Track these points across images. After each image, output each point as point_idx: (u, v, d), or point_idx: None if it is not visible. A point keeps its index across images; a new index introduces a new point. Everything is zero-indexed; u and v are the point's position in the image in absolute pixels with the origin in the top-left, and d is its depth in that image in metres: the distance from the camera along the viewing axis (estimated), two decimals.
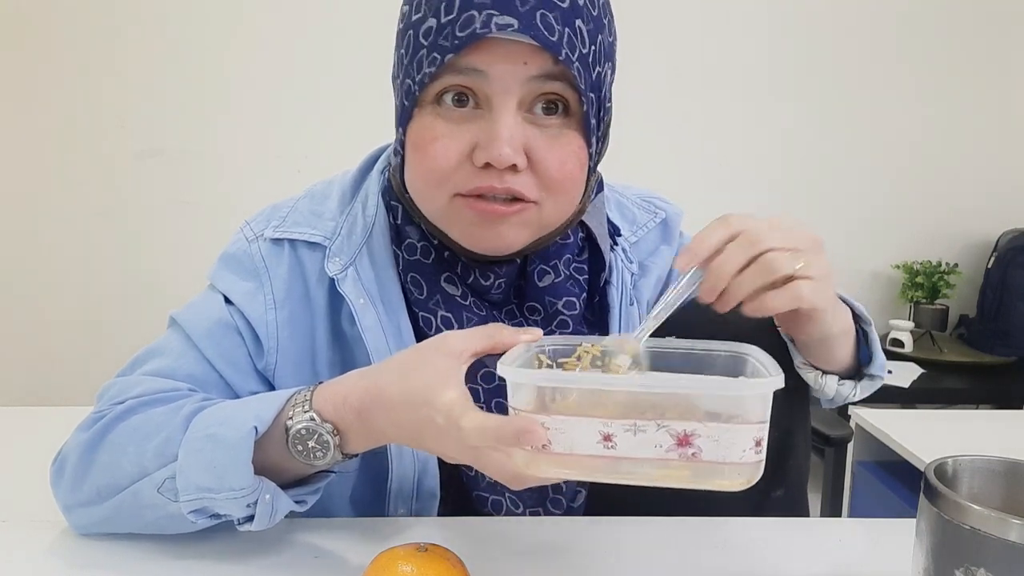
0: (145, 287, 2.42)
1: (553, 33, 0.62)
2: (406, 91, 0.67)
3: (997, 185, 2.63)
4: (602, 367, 0.64)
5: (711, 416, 0.48)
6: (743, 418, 0.48)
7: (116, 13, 2.35)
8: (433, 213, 0.71)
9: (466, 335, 0.61)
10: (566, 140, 0.67)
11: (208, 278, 0.79)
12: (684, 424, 0.47)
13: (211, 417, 0.64)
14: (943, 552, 0.52)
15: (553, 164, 0.66)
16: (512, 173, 0.65)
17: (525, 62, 0.63)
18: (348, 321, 0.76)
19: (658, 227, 0.89)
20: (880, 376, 0.71)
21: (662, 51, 2.46)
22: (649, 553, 0.70)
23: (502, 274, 0.75)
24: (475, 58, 0.63)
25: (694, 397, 0.50)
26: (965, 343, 2.50)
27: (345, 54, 2.39)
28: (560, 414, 0.49)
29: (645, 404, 0.49)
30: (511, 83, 0.64)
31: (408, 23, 0.67)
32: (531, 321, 0.77)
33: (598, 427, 0.49)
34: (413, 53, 0.65)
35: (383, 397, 0.60)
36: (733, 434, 0.48)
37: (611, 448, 0.49)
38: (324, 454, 0.63)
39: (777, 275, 0.58)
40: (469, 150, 0.65)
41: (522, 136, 0.65)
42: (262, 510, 0.63)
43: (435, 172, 0.67)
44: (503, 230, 0.68)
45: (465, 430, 0.54)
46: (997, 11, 2.55)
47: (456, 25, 0.62)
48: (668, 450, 0.48)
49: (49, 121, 2.39)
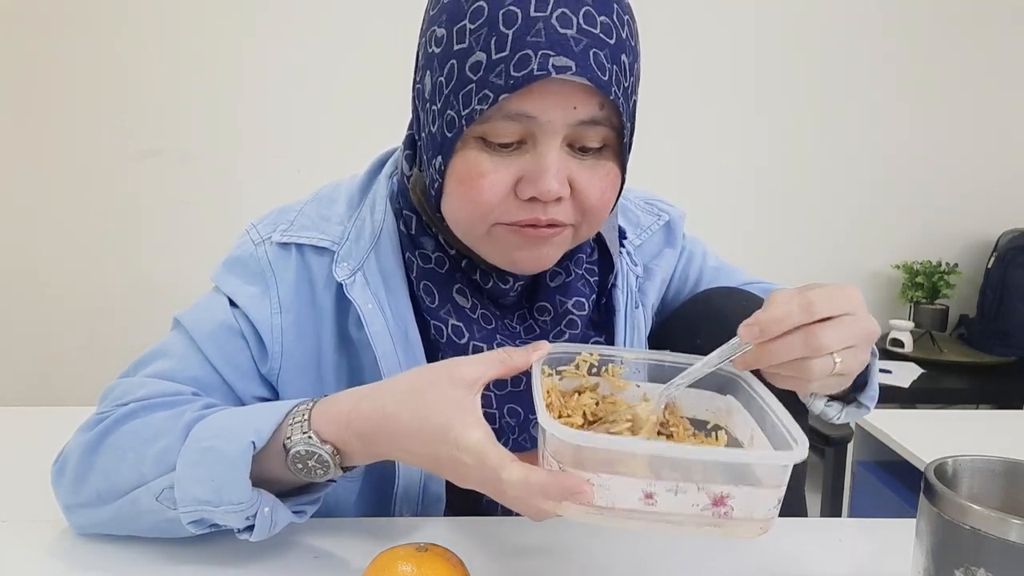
0: (145, 287, 2.42)
1: (604, 73, 0.62)
2: (448, 122, 0.65)
3: (997, 185, 2.63)
4: (600, 373, 0.66)
5: (734, 477, 0.52)
6: (776, 483, 0.52)
7: (116, 13, 2.35)
8: (471, 239, 0.71)
9: (477, 362, 0.60)
10: (604, 171, 0.68)
11: (212, 280, 0.79)
12: (721, 487, 0.51)
13: (210, 428, 0.64)
14: (943, 552, 0.52)
15: (594, 194, 0.67)
16: (555, 204, 0.66)
17: (575, 107, 0.63)
18: (355, 326, 0.76)
19: (662, 230, 0.90)
20: (868, 406, 0.71)
21: (663, 52, 2.46)
22: (650, 553, 0.70)
23: (521, 277, 0.76)
24: (527, 103, 0.62)
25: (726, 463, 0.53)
26: (965, 343, 2.50)
27: (346, 54, 2.39)
28: (599, 471, 0.51)
29: (672, 463, 0.52)
30: (560, 126, 0.63)
31: (449, 51, 0.64)
32: (541, 321, 0.77)
33: (642, 486, 0.51)
34: (458, 85, 0.63)
35: (392, 426, 0.60)
36: (763, 496, 0.52)
37: (651, 505, 0.51)
38: (324, 472, 0.63)
39: (816, 376, 0.58)
40: (514, 183, 0.66)
41: (565, 169, 0.65)
42: (261, 522, 0.63)
43: (481, 206, 0.66)
44: (545, 251, 0.69)
45: (507, 482, 0.54)
46: (997, 11, 2.55)
47: (510, 64, 0.60)
48: (703, 508, 0.51)
49: (49, 121, 2.39)
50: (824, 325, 0.56)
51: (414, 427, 0.58)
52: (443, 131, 0.66)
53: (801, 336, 0.56)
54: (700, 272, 0.91)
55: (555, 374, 0.66)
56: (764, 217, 2.60)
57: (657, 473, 0.51)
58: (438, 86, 0.66)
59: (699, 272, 0.91)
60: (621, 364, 0.67)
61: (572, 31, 0.60)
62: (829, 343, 0.56)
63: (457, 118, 0.64)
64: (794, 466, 0.50)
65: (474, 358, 0.61)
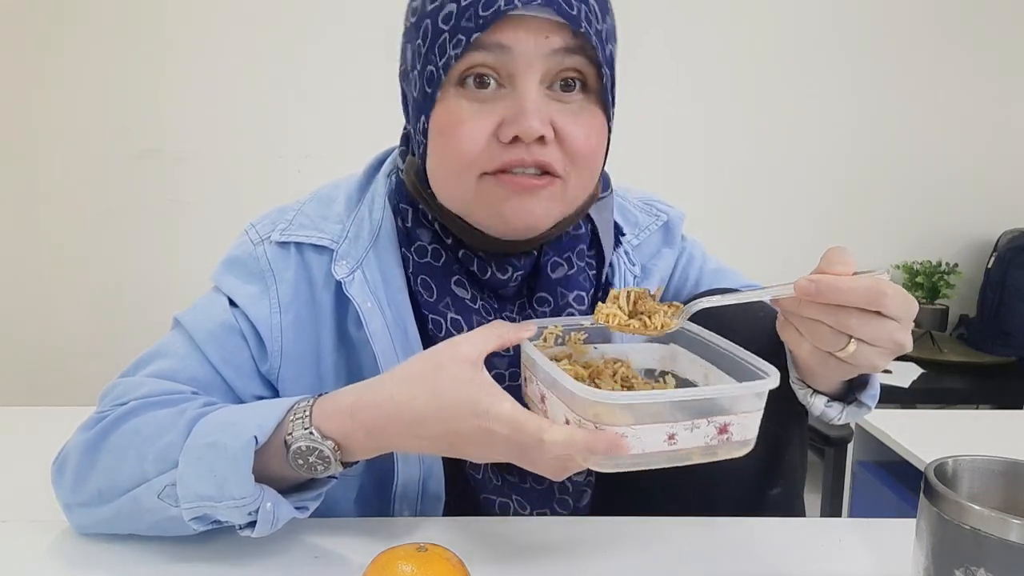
0: (145, 287, 2.43)
1: (572, 8, 0.65)
2: (428, 78, 0.67)
3: (997, 185, 2.63)
4: (564, 342, 0.73)
5: (733, 407, 0.60)
6: (759, 406, 0.61)
7: (116, 13, 2.35)
8: (459, 199, 0.71)
9: (476, 339, 0.62)
10: (588, 115, 0.69)
11: (212, 279, 0.79)
12: (725, 418, 0.59)
13: (212, 425, 0.64)
14: (943, 552, 0.52)
15: (579, 137, 0.68)
16: (540, 145, 0.66)
17: (547, 36, 0.65)
18: (354, 324, 0.76)
19: (660, 230, 0.90)
20: (868, 405, 0.71)
21: (661, 51, 2.46)
22: (650, 552, 0.70)
23: (520, 266, 0.76)
24: (500, 35, 0.64)
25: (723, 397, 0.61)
26: (965, 343, 2.50)
27: (346, 54, 2.39)
28: (630, 423, 0.57)
29: (687, 405, 0.60)
30: (534, 57, 0.65)
31: (422, 14, 0.67)
32: (540, 312, 0.78)
33: (666, 429, 0.58)
34: (433, 39, 0.66)
35: (405, 413, 0.60)
36: (752, 419, 0.61)
37: (673, 444, 0.58)
38: (326, 467, 0.64)
39: (823, 345, 0.61)
40: (495, 129, 0.66)
41: (547, 110, 0.66)
42: (263, 518, 0.63)
43: (463, 154, 0.67)
44: (533, 204, 0.69)
45: (550, 443, 0.57)
46: (998, 11, 2.55)
47: (479, 5, 0.63)
48: (712, 438, 0.59)
49: (49, 121, 2.39)
50: (864, 314, 0.58)
51: (431, 410, 0.59)
52: (423, 89, 0.68)
53: (846, 313, 0.58)
54: (700, 273, 0.91)
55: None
56: (763, 217, 2.60)
57: (672, 416, 0.58)
58: (416, 50, 0.69)
59: (699, 273, 0.91)
60: (581, 331, 0.73)
61: None
62: (858, 331, 0.59)
63: (436, 70, 0.66)
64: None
65: (469, 336, 0.63)
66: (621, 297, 0.69)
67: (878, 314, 0.58)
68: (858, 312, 0.58)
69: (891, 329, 0.59)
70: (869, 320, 0.58)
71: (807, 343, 0.62)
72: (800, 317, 0.61)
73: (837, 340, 0.60)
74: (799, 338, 0.63)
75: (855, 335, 0.59)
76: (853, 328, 0.59)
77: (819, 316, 0.59)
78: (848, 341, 0.59)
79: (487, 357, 0.63)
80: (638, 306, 0.68)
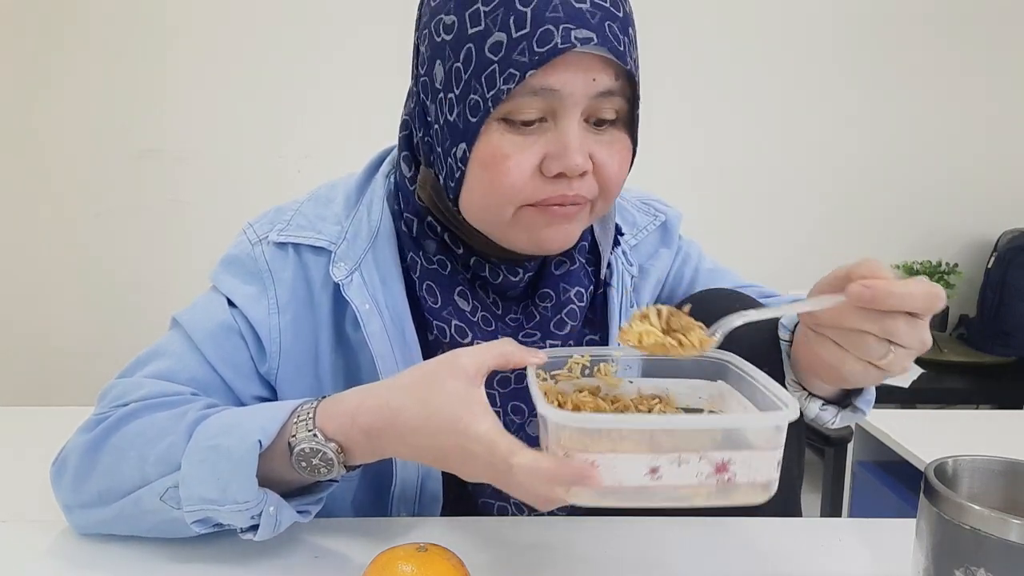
0: (144, 287, 2.42)
1: (620, 44, 0.64)
2: (472, 107, 0.65)
3: (997, 185, 2.62)
4: (592, 374, 0.66)
5: (732, 443, 0.53)
6: (772, 444, 0.53)
7: (116, 13, 2.35)
8: (494, 224, 0.71)
9: (478, 353, 0.60)
10: (620, 144, 0.69)
11: (210, 279, 0.79)
12: (721, 453, 0.52)
13: (215, 427, 0.64)
14: (943, 552, 0.52)
15: (613, 168, 0.69)
16: (579, 180, 0.67)
17: (595, 78, 0.64)
18: (352, 326, 0.76)
19: (658, 230, 0.90)
20: (864, 410, 0.71)
21: (661, 51, 2.45)
22: (649, 553, 0.70)
23: (530, 267, 0.77)
24: (551, 77, 0.63)
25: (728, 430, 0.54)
26: (965, 343, 2.50)
27: (346, 54, 2.39)
28: (603, 451, 0.51)
29: (671, 435, 0.53)
30: (580, 98, 0.65)
31: (463, 35, 0.65)
32: (542, 308, 0.78)
33: (646, 461, 0.51)
34: (478, 68, 0.64)
35: (398, 421, 0.60)
36: (762, 458, 0.53)
37: (658, 479, 0.52)
38: (328, 470, 0.63)
39: (865, 356, 0.59)
40: (538, 162, 0.66)
41: (587, 144, 0.67)
42: (266, 522, 0.63)
43: (508, 188, 0.67)
44: (568, 228, 0.70)
45: (516, 467, 0.53)
46: (997, 11, 2.55)
47: (533, 40, 0.62)
48: (707, 477, 0.52)
49: (49, 121, 2.39)
50: (911, 319, 0.57)
51: (420, 420, 0.59)
52: (465, 117, 0.66)
53: (915, 329, 0.57)
54: (696, 273, 0.91)
55: (550, 378, 0.66)
56: (763, 217, 2.60)
57: (659, 448, 0.51)
58: (454, 73, 0.66)
59: (694, 273, 0.91)
60: (612, 362, 0.67)
61: (587, 5, 0.63)
62: (905, 336, 0.57)
63: (482, 101, 0.64)
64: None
65: (473, 349, 0.61)
66: (651, 314, 0.62)
67: (917, 317, 0.57)
68: (905, 317, 0.56)
69: (923, 330, 0.58)
70: (915, 325, 0.57)
71: (851, 356, 0.59)
72: (841, 329, 0.59)
73: (881, 349, 0.58)
74: (842, 352, 0.60)
75: (899, 341, 0.57)
76: (901, 334, 0.57)
77: (864, 325, 0.57)
78: (889, 348, 0.58)
79: (507, 377, 0.62)
80: (671, 323, 0.62)
